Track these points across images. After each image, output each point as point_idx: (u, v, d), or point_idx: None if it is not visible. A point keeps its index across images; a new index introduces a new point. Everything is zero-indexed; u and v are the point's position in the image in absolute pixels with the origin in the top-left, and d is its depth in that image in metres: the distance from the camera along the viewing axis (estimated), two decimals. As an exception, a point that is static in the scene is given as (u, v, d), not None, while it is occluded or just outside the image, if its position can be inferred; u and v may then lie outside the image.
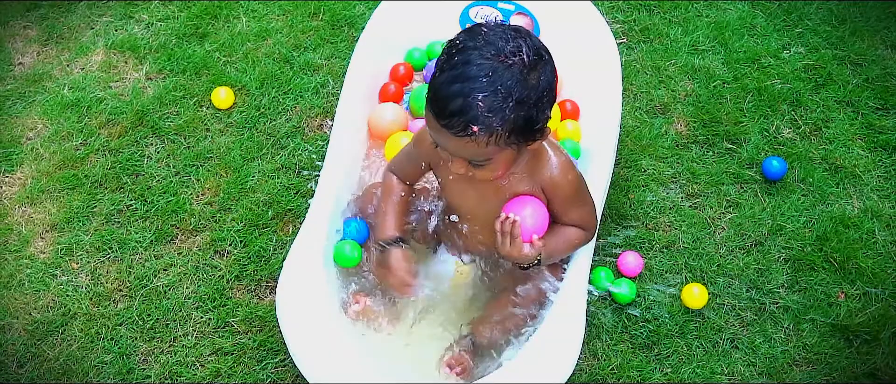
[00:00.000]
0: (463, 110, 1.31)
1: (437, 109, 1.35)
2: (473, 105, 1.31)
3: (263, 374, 1.79)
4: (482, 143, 1.35)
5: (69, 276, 1.94)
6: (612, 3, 2.56)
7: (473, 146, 1.36)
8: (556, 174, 1.55)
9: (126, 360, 1.81)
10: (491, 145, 1.36)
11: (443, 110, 1.33)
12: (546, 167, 1.55)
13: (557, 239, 1.63)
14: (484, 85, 1.31)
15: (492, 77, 1.31)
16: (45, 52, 2.44)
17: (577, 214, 1.63)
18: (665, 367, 1.83)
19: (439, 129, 1.36)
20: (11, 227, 2.02)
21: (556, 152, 1.56)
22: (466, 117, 1.32)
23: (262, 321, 1.85)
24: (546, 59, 1.38)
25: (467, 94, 1.31)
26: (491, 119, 1.32)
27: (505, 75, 1.32)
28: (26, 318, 1.87)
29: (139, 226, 2.03)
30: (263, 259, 1.96)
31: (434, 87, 1.36)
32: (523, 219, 1.54)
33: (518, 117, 1.34)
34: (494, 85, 1.31)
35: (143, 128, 2.23)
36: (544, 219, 1.57)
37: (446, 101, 1.32)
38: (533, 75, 1.35)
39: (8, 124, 2.24)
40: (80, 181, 2.10)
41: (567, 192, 1.57)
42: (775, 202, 2.10)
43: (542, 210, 1.57)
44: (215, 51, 2.41)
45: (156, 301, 1.90)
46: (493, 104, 1.31)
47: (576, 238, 1.65)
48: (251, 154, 2.17)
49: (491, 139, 1.35)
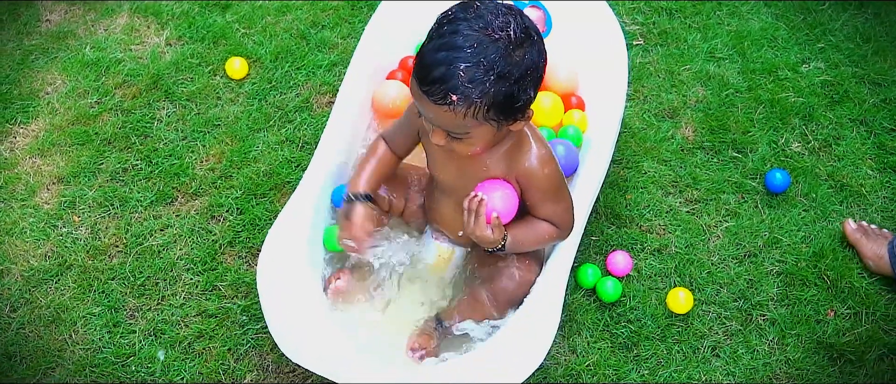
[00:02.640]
0: (444, 78, 1.34)
1: (420, 75, 1.38)
2: (455, 74, 1.34)
3: (244, 339, 1.82)
4: (460, 114, 1.37)
5: (70, 228, 2.00)
6: (633, 4, 2.55)
7: (452, 116, 1.38)
8: (534, 165, 1.56)
9: (114, 314, 1.86)
10: (469, 118, 1.38)
11: (425, 77, 1.36)
12: (526, 157, 1.56)
13: (526, 230, 1.63)
14: (467, 55, 1.34)
15: (476, 49, 1.34)
16: (72, 11, 2.50)
17: (550, 209, 1.63)
18: (642, 369, 1.82)
19: (421, 96, 1.39)
20: (20, 176, 2.08)
21: (538, 144, 1.57)
22: (447, 85, 1.34)
23: (248, 287, 1.89)
24: (534, 40, 1.40)
25: (450, 63, 1.34)
26: (470, 90, 1.34)
27: (489, 49, 1.34)
28: (24, 265, 1.93)
29: (142, 185, 2.08)
30: (257, 228, 1.99)
31: (421, 53, 1.39)
32: (490, 200, 1.55)
33: (498, 92, 1.36)
34: (478, 57, 1.34)
35: (157, 91, 2.27)
36: (512, 205, 1.58)
37: (430, 68, 1.36)
38: (518, 52, 1.37)
39: (29, 77, 2.31)
40: (91, 138, 2.16)
41: (542, 184, 1.58)
42: (775, 215, 2.07)
43: (511, 196, 1.58)
44: (235, 22, 2.45)
45: (149, 259, 1.94)
46: (474, 75, 1.34)
47: (546, 233, 1.65)
48: (258, 125, 2.20)
49: (469, 111, 1.37)
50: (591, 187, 1.85)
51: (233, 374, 1.78)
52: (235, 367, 1.79)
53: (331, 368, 1.59)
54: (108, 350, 1.81)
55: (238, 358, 1.80)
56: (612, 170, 2.12)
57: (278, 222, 1.74)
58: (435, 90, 1.35)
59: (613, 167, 2.12)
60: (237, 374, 1.78)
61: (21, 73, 2.31)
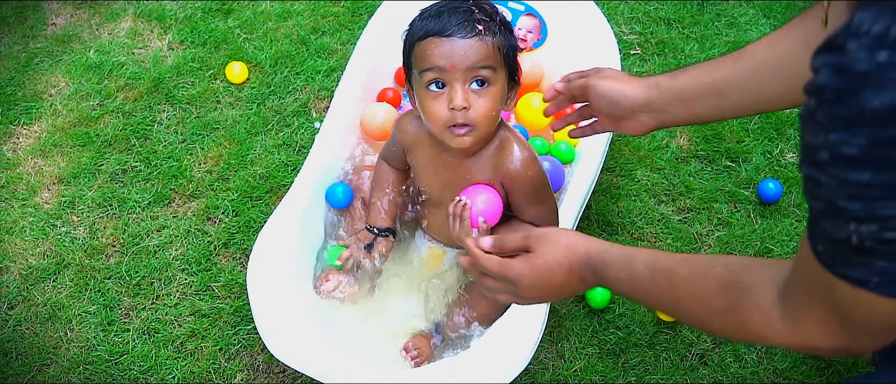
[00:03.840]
0: (465, 18, 1.47)
1: (437, 29, 1.47)
2: (471, 13, 1.48)
3: (236, 339, 1.85)
4: (489, 44, 1.47)
5: (68, 228, 2.03)
6: (631, 14, 2.56)
7: (483, 47, 1.46)
8: (518, 167, 1.58)
9: (109, 312, 1.89)
10: (495, 50, 1.48)
11: (445, 24, 1.47)
12: (509, 160, 1.58)
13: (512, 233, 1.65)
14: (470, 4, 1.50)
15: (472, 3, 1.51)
16: (77, 15, 2.54)
17: (534, 212, 1.65)
18: (629, 376, 1.83)
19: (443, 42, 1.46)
20: (22, 176, 2.12)
21: (521, 147, 1.59)
22: (471, 21, 1.47)
23: (241, 288, 1.91)
24: None
25: (462, 9, 1.49)
26: (490, 24, 1.48)
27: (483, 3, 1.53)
28: (23, 263, 1.96)
29: (140, 187, 2.11)
30: (252, 230, 2.02)
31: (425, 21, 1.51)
32: (474, 204, 1.57)
33: (506, 32, 1.51)
34: (480, 6, 1.51)
35: (158, 94, 2.31)
36: (496, 208, 1.60)
37: (446, 18, 1.48)
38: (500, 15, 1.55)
39: (33, 80, 2.35)
40: (92, 139, 2.19)
41: (526, 186, 1.60)
42: (767, 224, 2.08)
43: (495, 199, 1.60)
44: (237, 27, 2.49)
45: (145, 259, 1.97)
46: (487, 14, 1.50)
47: None
48: (256, 128, 2.23)
49: (495, 41, 1.48)
50: (579, 194, 1.87)
51: (223, 374, 1.80)
52: (226, 367, 1.81)
53: (320, 369, 1.61)
54: (103, 348, 1.84)
55: (229, 358, 1.83)
56: (605, 177, 2.13)
57: (269, 224, 1.76)
58: (461, 27, 1.46)
59: (606, 175, 2.14)
60: (228, 374, 1.80)
61: (26, 76, 2.35)
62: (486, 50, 1.46)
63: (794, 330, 0.99)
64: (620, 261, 1.19)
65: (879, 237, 0.78)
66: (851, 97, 0.73)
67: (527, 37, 2.20)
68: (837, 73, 0.73)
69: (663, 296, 1.15)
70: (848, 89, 0.73)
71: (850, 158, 0.75)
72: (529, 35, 2.20)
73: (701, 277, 1.11)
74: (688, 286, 1.12)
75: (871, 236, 0.79)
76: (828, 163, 0.78)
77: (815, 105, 0.77)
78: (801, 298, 0.98)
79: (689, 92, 1.39)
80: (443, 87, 1.49)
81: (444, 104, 1.49)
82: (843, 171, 0.77)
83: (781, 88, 1.34)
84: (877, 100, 0.70)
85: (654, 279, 1.15)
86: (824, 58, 0.76)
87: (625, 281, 1.19)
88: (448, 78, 1.47)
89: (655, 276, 1.16)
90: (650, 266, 1.16)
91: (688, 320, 1.19)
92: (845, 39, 0.73)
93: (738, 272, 1.07)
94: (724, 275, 1.08)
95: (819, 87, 0.76)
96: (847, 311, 0.90)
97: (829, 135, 0.76)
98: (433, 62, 1.47)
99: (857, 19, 0.72)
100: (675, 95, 1.40)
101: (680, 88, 1.40)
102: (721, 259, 1.12)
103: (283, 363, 1.66)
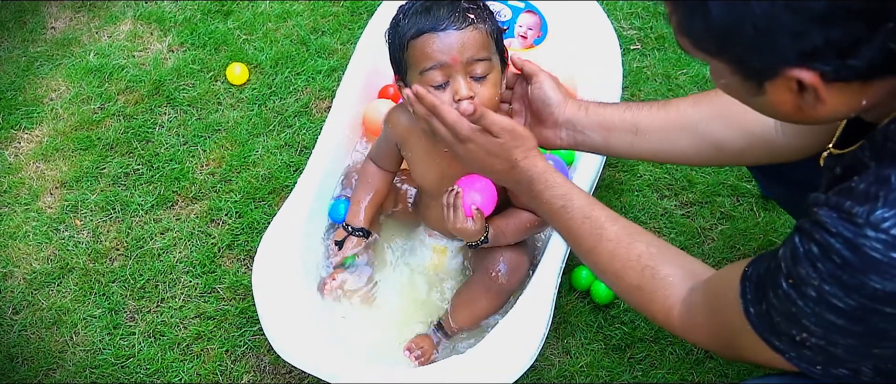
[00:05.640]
0: (454, 9, 1.47)
1: (430, 25, 1.46)
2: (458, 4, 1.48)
3: (241, 341, 1.85)
4: (482, 32, 1.47)
5: (72, 232, 2.03)
6: (630, 9, 2.56)
7: (478, 36, 1.47)
8: None
9: (114, 316, 1.89)
10: (488, 38, 1.49)
11: (437, 19, 1.46)
12: None
13: (508, 220, 1.67)
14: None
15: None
16: (76, 19, 2.54)
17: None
18: (636, 371, 1.84)
19: (439, 37, 1.45)
20: (24, 181, 2.12)
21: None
22: (460, 11, 1.47)
23: (246, 290, 1.91)
24: None
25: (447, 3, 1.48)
26: (477, 11, 1.48)
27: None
28: (27, 268, 1.96)
29: (143, 190, 2.11)
30: (255, 231, 2.02)
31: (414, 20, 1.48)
32: (468, 193, 1.57)
33: (490, 16, 1.51)
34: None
35: (159, 97, 2.31)
36: (490, 197, 1.60)
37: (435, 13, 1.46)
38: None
39: (34, 84, 2.34)
40: (93, 143, 2.19)
41: None
42: (770, 218, 2.08)
43: (489, 187, 1.60)
44: (237, 28, 2.49)
45: (149, 262, 1.97)
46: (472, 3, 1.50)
47: (527, 221, 1.68)
48: (257, 130, 2.23)
49: (486, 28, 1.48)
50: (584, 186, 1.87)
51: (230, 375, 1.80)
52: (233, 369, 1.81)
53: (326, 369, 1.61)
54: (108, 351, 1.84)
55: (235, 359, 1.83)
56: (608, 173, 2.13)
57: (273, 225, 1.76)
58: (453, 19, 1.45)
59: (609, 170, 2.14)
60: (234, 375, 1.80)
61: (26, 80, 2.35)
62: (482, 39, 1.47)
63: (684, 329, 1.19)
64: (560, 190, 1.34)
65: (824, 347, 0.96)
66: (858, 273, 0.88)
67: (527, 34, 2.20)
68: (852, 249, 0.88)
69: (584, 242, 1.31)
70: (856, 266, 0.88)
71: (834, 307, 0.91)
72: (530, 32, 2.20)
73: (625, 246, 1.26)
74: (610, 246, 1.27)
75: (817, 345, 0.96)
76: (813, 299, 0.92)
77: (818, 253, 0.91)
78: (702, 313, 1.15)
79: (610, 123, 1.50)
80: (445, 84, 1.48)
81: (448, 98, 1.48)
82: (824, 310, 0.92)
83: (687, 146, 1.49)
84: (879, 284, 0.87)
85: (581, 223, 1.31)
86: (838, 223, 0.90)
87: (556, 210, 1.33)
88: (451, 72, 1.47)
89: (584, 222, 1.30)
90: (584, 211, 1.31)
91: (596, 271, 1.32)
92: (865, 225, 0.88)
93: (660, 260, 1.23)
94: (645, 255, 1.24)
95: (828, 247, 0.90)
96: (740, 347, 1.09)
97: (824, 285, 0.91)
98: (435, 58, 1.46)
99: (880, 214, 0.87)
100: (598, 122, 1.50)
101: (604, 117, 1.51)
102: (645, 237, 1.28)
103: (290, 364, 1.66)
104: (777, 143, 1.42)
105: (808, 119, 0.96)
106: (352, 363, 1.62)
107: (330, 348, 1.64)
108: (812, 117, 0.95)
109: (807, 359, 0.99)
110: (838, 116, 0.97)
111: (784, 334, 0.99)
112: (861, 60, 0.86)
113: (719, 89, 1.05)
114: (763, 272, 1.02)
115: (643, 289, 1.24)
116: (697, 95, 1.50)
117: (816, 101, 0.91)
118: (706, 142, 1.47)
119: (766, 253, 1.05)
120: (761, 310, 1.02)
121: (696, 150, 1.49)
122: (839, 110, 0.93)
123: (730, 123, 1.45)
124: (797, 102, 0.94)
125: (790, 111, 0.96)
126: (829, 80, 0.88)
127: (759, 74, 0.93)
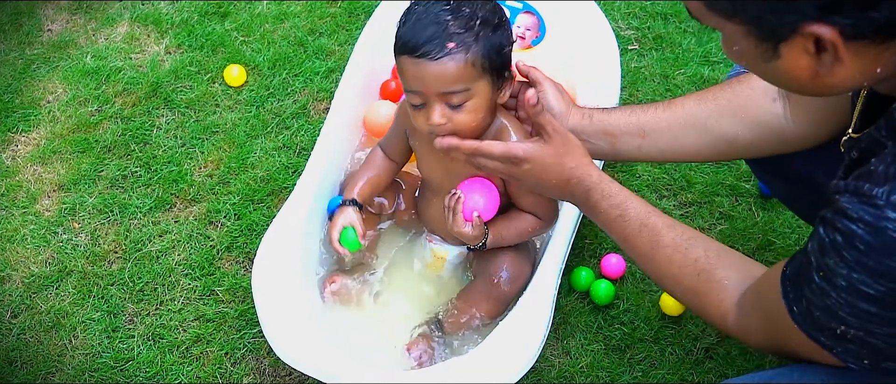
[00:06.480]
0: (436, 34, 1.42)
1: (410, 46, 1.44)
2: (445, 25, 1.42)
3: (241, 343, 1.84)
4: (461, 62, 1.42)
5: (70, 235, 2.02)
6: (628, 9, 2.57)
7: (453, 67, 1.42)
8: None
9: (113, 319, 1.89)
10: (469, 66, 1.43)
11: (416, 42, 1.43)
12: None
13: (508, 223, 1.67)
14: (447, 10, 1.44)
15: (453, 6, 1.45)
16: (73, 21, 2.53)
17: (532, 200, 1.65)
18: (635, 371, 1.84)
19: (414, 64, 1.44)
20: (21, 184, 2.11)
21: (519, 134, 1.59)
22: (441, 37, 1.42)
23: (245, 292, 1.91)
24: None
25: (436, 21, 1.43)
26: (464, 36, 1.42)
27: (464, 4, 1.45)
28: (25, 272, 1.96)
29: (141, 192, 2.10)
30: (254, 233, 2.01)
31: (402, 32, 1.47)
32: (469, 198, 1.57)
33: (487, 35, 1.45)
34: (458, 11, 1.44)
35: (157, 99, 2.30)
36: (493, 202, 1.60)
37: (419, 32, 1.43)
38: (488, 6, 1.49)
39: (30, 87, 2.34)
40: (91, 145, 2.19)
41: None
42: (768, 217, 2.09)
43: (492, 192, 1.60)
44: (234, 30, 2.48)
45: (148, 265, 1.97)
46: (463, 24, 1.43)
47: (528, 225, 1.68)
48: (255, 131, 2.23)
49: (468, 56, 1.43)
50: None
51: (230, 378, 1.80)
52: (232, 371, 1.81)
53: (326, 371, 1.61)
54: (108, 355, 1.83)
55: (235, 362, 1.82)
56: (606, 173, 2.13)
57: (273, 227, 1.76)
58: (431, 46, 1.42)
59: (607, 170, 2.13)
60: (234, 378, 1.80)
61: (22, 83, 2.34)
62: (458, 70, 1.43)
63: (739, 332, 1.21)
64: (617, 199, 1.35)
65: (863, 338, 0.96)
66: (882, 257, 0.88)
67: (525, 34, 2.20)
68: (874, 233, 0.88)
69: (641, 249, 1.32)
70: (880, 250, 0.88)
71: (865, 294, 0.91)
72: (528, 32, 2.20)
73: (682, 251, 1.26)
74: (667, 252, 1.28)
75: (857, 336, 0.96)
76: (844, 288, 0.92)
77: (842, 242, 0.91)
78: (754, 315, 1.16)
79: (615, 128, 1.52)
80: (423, 105, 1.50)
81: (425, 119, 1.51)
82: (855, 299, 0.92)
83: (697, 143, 1.49)
84: None
85: (639, 232, 1.31)
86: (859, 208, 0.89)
87: (612, 219, 1.35)
88: (425, 98, 1.48)
89: (642, 230, 1.31)
90: (641, 219, 1.32)
91: (652, 276, 1.34)
92: (886, 206, 0.87)
93: (716, 264, 1.24)
94: (702, 260, 1.24)
95: (852, 234, 0.90)
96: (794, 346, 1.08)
97: (853, 273, 0.91)
98: (409, 85, 1.49)
99: None
100: (603, 129, 1.52)
101: (609, 124, 1.52)
102: (703, 242, 1.29)
103: (290, 366, 1.66)
104: (786, 131, 1.41)
105: (822, 87, 0.94)
106: (352, 364, 1.62)
107: (330, 350, 1.64)
108: (827, 84, 0.93)
109: (852, 353, 0.98)
110: (853, 84, 0.95)
111: (826, 329, 0.98)
112: (881, 13, 0.84)
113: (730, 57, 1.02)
114: (797, 269, 1.02)
115: (699, 294, 1.24)
116: (700, 92, 1.50)
117: (834, 61, 0.89)
118: (716, 137, 1.47)
119: (800, 250, 1.04)
120: (803, 307, 1.01)
121: (706, 146, 1.48)
122: (855, 77, 0.91)
123: (737, 116, 1.44)
124: (813, 66, 0.91)
125: (805, 78, 0.93)
126: (847, 38, 0.86)
127: (774, 35, 0.91)
